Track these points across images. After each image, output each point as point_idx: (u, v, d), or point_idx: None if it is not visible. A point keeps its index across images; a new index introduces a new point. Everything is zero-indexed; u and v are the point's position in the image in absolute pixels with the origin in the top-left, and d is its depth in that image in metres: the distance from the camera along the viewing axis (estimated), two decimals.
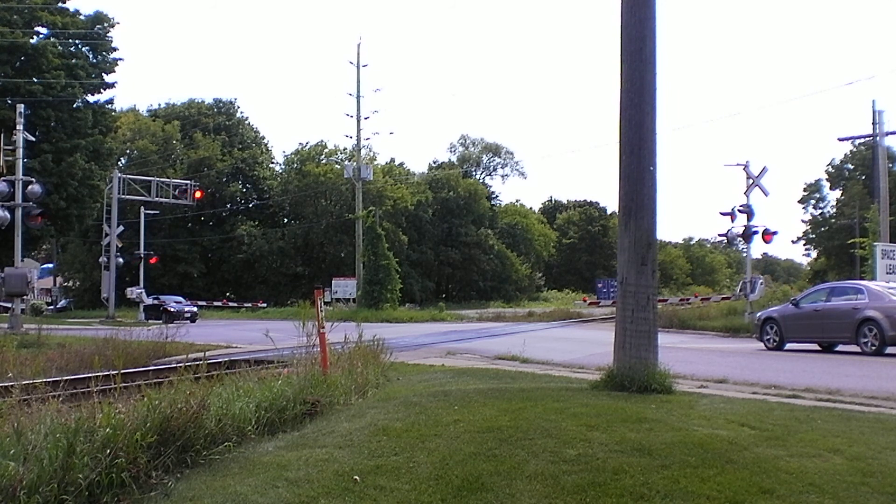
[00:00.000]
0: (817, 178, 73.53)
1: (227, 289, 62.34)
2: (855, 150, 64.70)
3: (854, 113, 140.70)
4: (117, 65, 43.64)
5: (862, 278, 25.36)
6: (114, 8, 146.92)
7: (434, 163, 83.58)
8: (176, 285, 54.13)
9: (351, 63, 44.76)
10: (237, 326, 31.57)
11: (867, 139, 36.75)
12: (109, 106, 44.94)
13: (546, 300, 67.80)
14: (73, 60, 41.05)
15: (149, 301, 39.51)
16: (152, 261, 43.54)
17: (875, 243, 24.03)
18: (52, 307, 52.90)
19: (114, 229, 37.99)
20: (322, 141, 68.88)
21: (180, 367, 6.17)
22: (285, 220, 67.07)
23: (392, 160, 73.02)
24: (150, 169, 51.73)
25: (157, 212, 47.09)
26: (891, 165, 43.10)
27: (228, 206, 64.59)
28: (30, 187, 24.38)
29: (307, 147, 68.53)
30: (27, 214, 24.70)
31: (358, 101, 44.81)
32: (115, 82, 45.00)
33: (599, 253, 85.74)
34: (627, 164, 8.33)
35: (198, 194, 41.67)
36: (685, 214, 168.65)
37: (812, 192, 73.37)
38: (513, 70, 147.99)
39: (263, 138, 71.56)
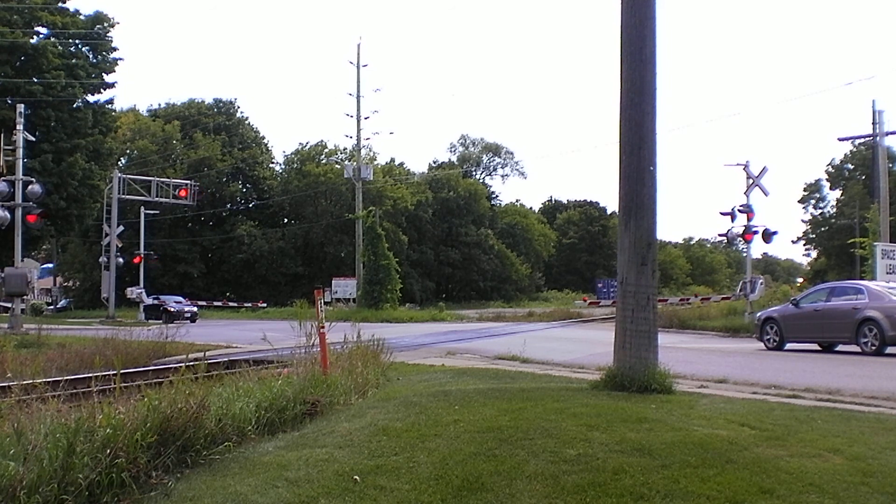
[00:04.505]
0: (817, 178, 73.78)
1: (227, 289, 62.32)
2: (855, 150, 64.74)
3: (854, 113, 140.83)
4: (117, 65, 43.72)
5: (862, 278, 25.33)
6: (114, 8, 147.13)
7: (434, 163, 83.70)
8: (176, 285, 54.11)
9: (351, 63, 44.82)
10: (237, 326, 31.57)
11: (867, 139, 36.68)
12: (109, 106, 44.97)
13: (546, 300, 67.75)
14: (73, 60, 41.05)
15: (149, 301, 39.51)
16: (152, 261, 43.57)
17: (875, 243, 24.00)
18: (52, 307, 52.92)
19: (114, 229, 37.99)
20: (322, 141, 68.99)
21: (180, 367, 6.16)
22: (285, 220, 67.04)
23: (392, 160, 73.07)
24: (150, 169, 51.72)
25: (157, 212, 47.09)
26: (891, 165, 43.09)
27: (228, 206, 64.57)
28: (30, 187, 24.36)
29: (307, 147, 68.55)
30: (27, 214, 24.68)
31: (358, 101, 44.86)
32: (115, 82, 45.10)
33: (599, 253, 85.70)
34: (627, 164, 8.32)
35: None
36: (685, 214, 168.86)
37: (812, 192, 73.46)
38: (513, 70, 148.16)
39: (263, 138, 71.53)
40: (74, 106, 40.67)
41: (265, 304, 51.87)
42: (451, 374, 11.12)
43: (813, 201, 73.34)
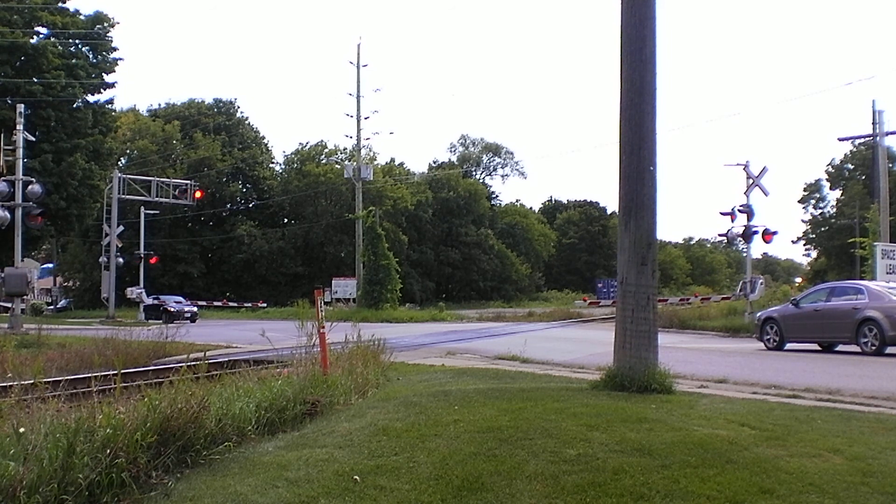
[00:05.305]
0: (817, 178, 73.76)
1: (227, 289, 62.32)
2: (855, 150, 64.77)
3: (854, 113, 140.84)
4: (117, 65, 43.70)
5: (862, 278, 25.33)
6: (114, 8, 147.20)
7: (434, 163, 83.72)
8: (176, 285, 54.11)
9: (351, 63, 44.83)
10: (237, 326, 31.56)
11: (867, 139, 36.73)
12: (109, 106, 44.95)
13: (546, 300, 67.71)
14: (73, 60, 41.04)
15: (149, 301, 39.51)
16: (152, 261, 43.53)
17: (875, 243, 24.00)
18: (52, 307, 52.88)
19: (114, 229, 37.98)
20: (322, 141, 69.04)
21: (180, 367, 6.17)
22: (285, 220, 67.05)
23: (392, 160, 73.07)
24: (150, 169, 51.71)
25: (157, 212, 47.07)
26: (891, 165, 43.08)
27: (228, 206, 64.56)
28: (30, 187, 24.36)
29: (307, 147, 68.58)
30: (27, 214, 24.68)
31: (358, 101, 44.85)
32: (115, 82, 45.06)
33: (599, 253, 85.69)
34: (627, 164, 8.32)
35: (198, 194, 41.64)
36: (685, 214, 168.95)
37: (812, 192, 73.44)
38: (513, 70, 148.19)
39: (263, 138, 71.54)
40: (74, 106, 40.65)
41: (265, 304, 51.85)
42: (451, 374, 11.12)
43: (813, 201, 73.37)
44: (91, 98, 42.51)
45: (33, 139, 30.32)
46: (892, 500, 4.36)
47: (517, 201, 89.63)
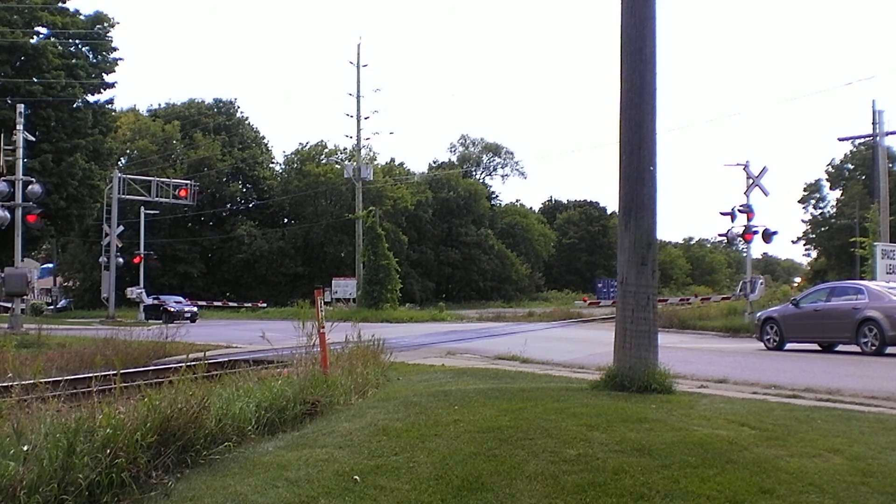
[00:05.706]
0: (817, 178, 73.71)
1: (227, 289, 62.31)
2: (855, 150, 64.74)
3: (854, 113, 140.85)
4: (117, 65, 43.64)
5: (862, 278, 25.33)
6: (114, 8, 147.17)
7: (434, 163, 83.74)
8: (176, 285, 54.11)
9: (351, 63, 44.83)
10: (237, 326, 31.56)
11: (867, 139, 36.71)
12: (109, 106, 44.90)
13: (546, 300, 67.67)
14: (73, 60, 41.01)
15: (149, 301, 39.51)
16: (152, 260, 43.54)
17: (875, 243, 24.00)
18: (52, 307, 52.90)
19: (114, 229, 37.99)
20: (322, 141, 69.06)
21: (180, 367, 6.16)
22: (285, 220, 67.07)
23: (392, 160, 73.06)
24: (150, 169, 51.70)
25: (157, 212, 47.08)
26: (891, 165, 43.08)
27: (228, 206, 64.57)
28: (30, 187, 24.35)
29: (307, 147, 68.58)
30: (27, 214, 24.67)
31: (358, 101, 44.85)
32: (115, 82, 44.99)
33: (599, 253, 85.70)
34: (627, 164, 8.33)
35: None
36: (685, 214, 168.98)
37: (812, 192, 73.41)
38: (513, 70, 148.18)
39: (263, 138, 71.57)
40: (74, 106, 40.61)
41: (265, 305, 51.84)
42: (451, 374, 11.12)
43: (813, 201, 73.33)
44: (91, 98, 42.50)
45: (33, 139, 30.29)
46: (892, 500, 4.36)
47: (517, 201, 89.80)
